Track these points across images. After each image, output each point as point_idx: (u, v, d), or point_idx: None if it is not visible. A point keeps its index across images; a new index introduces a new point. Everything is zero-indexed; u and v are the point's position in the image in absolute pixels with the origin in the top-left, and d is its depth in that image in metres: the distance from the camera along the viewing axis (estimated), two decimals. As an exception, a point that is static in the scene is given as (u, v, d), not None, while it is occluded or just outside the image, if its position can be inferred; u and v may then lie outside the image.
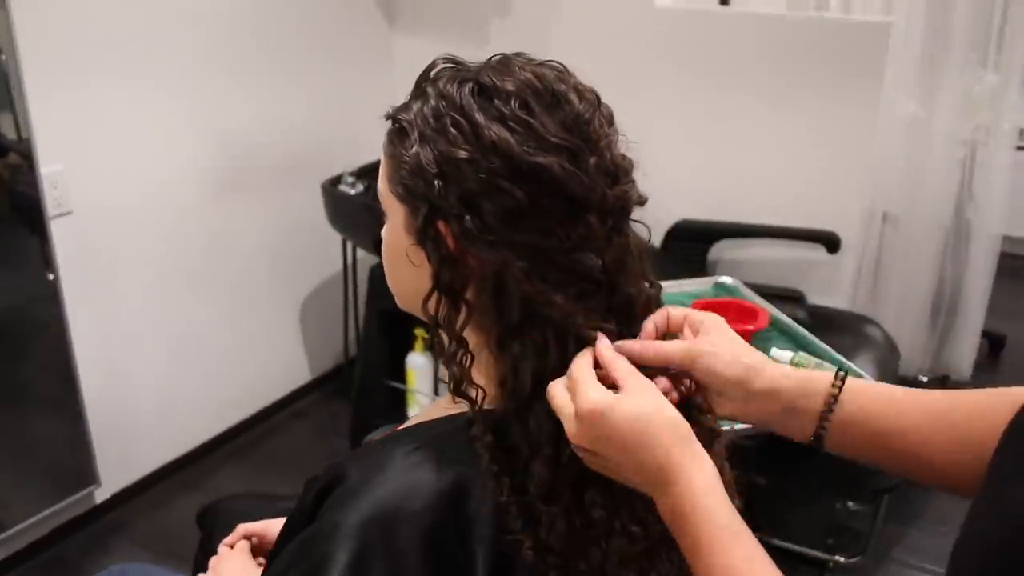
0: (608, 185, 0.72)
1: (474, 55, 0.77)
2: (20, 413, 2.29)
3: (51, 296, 2.11)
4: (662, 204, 2.68)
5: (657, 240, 2.56)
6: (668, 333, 0.78)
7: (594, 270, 0.72)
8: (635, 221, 0.77)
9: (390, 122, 0.76)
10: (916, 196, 2.68)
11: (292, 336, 2.92)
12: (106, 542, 2.34)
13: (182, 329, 2.50)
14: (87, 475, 2.29)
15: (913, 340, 2.86)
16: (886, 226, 2.73)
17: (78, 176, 2.11)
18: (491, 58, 0.74)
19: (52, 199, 2.06)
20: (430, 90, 0.73)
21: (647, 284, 0.78)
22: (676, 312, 0.78)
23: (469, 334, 0.75)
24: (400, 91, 0.79)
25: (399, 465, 0.72)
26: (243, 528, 1.13)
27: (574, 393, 0.69)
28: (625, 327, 0.75)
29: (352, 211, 2.55)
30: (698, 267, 2.54)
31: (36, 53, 1.95)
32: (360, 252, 2.80)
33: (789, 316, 1.72)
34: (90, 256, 2.19)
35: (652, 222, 0.81)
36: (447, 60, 0.75)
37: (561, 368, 0.72)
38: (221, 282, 2.59)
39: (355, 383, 2.81)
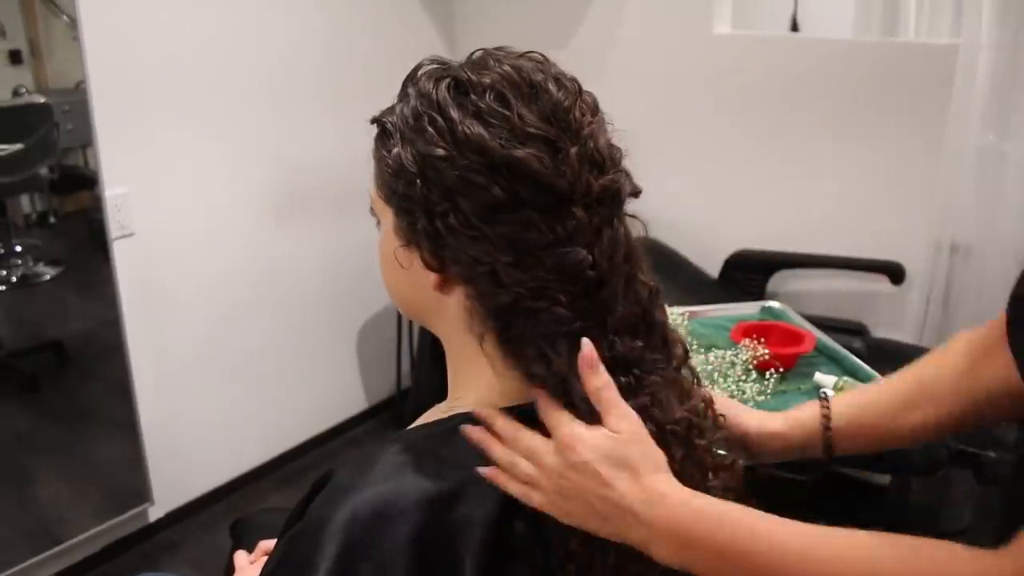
0: (593, 175, 0.69)
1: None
2: (81, 431, 2.36)
3: (114, 319, 2.18)
4: (720, 233, 2.66)
5: (715, 270, 2.51)
6: None
7: (583, 265, 0.69)
8: (630, 216, 0.75)
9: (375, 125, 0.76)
10: (989, 226, 2.55)
11: (347, 364, 2.94)
12: (157, 560, 2.37)
13: (237, 354, 2.53)
14: (141, 493, 2.34)
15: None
16: (956, 257, 2.60)
17: (141, 199, 2.17)
18: (471, 54, 0.74)
19: (116, 221, 2.14)
20: (411, 91, 0.74)
21: (645, 284, 0.75)
22: None
23: (460, 338, 0.77)
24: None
25: (389, 464, 0.71)
26: (263, 545, 1.13)
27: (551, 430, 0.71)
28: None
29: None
30: (756, 298, 2.47)
31: (104, 83, 2.02)
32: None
33: (844, 346, 1.65)
34: (150, 278, 2.25)
35: (710, 252, 0.80)
36: (432, 60, 0.75)
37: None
38: (277, 309, 2.63)
39: (409, 409, 2.81)
